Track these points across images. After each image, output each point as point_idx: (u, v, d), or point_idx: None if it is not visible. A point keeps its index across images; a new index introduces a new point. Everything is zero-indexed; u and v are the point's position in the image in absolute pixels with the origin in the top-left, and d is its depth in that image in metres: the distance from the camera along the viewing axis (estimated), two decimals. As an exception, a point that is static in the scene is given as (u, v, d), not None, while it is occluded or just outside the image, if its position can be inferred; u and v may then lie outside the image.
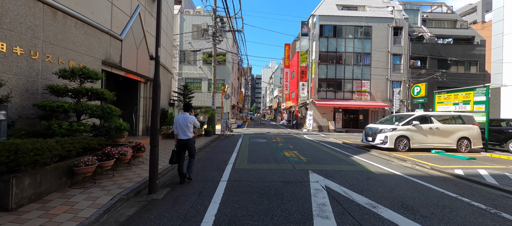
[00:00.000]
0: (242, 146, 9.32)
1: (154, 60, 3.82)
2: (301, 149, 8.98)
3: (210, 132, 12.90)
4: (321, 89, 20.94)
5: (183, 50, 20.67)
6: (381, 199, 3.68)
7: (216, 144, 9.94)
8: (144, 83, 9.74)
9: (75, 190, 3.57)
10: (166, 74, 11.78)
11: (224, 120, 14.22)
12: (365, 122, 21.16)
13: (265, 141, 11.44)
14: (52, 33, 4.85)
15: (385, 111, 20.83)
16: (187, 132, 4.17)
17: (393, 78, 21.10)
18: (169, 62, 12.58)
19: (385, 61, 20.95)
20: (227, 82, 21.08)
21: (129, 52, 7.57)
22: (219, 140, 11.87)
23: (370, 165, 6.31)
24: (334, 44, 20.97)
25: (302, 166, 5.87)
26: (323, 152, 8.44)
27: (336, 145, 10.90)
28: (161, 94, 11.18)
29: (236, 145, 9.76)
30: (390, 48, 20.96)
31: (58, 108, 4.13)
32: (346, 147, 10.10)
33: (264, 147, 9.31)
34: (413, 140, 8.93)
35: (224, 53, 20.99)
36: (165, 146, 8.24)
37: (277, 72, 59.91)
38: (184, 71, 20.70)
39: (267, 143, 10.46)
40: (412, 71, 21.01)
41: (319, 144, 11.03)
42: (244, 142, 10.87)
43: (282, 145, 9.87)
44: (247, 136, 13.94)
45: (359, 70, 21.04)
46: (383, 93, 20.97)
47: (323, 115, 20.71)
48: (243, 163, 6.07)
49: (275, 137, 13.62)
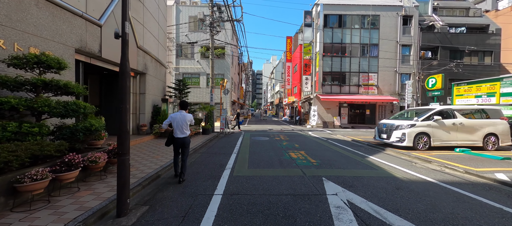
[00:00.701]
0: (242, 146, 8.39)
1: (121, 40, 2.84)
2: (308, 148, 8.04)
3: (209, 130, 11.99)
4: (325, 83, 19.88)
5: (180, 43, 19.63)
6: (429, 223, 2.73)
7: (214, 144, 9.02)
8: (133, 77, 8.79)
9: (16, 215, 2.66)
10: (159, 68, 10.82)
11: (223, 116, 13.29)
12: (372, 118, 20.15)
13: (267, 139, 10.51)
14: (3, 12, 3.89)
15: (393, 106, 19.77)
16: (185, 130, 4.10)
17: (402, 71, 19.96)
18: (163, 54, 11.59)
19: (394, 52, 19.78)
20: (226, 76, 20.09)
21: (112, 40, 6.60)
22: (217, 138, 10.96)
23: (392, 169, 5.36)
24: (339, 35, 19.81)
25: (313, 171, 4.94)
26: (333, 152, 7.50)
27: (346, 143, 9.95)
28: (153, 89, 10.25)
29: (236, 144, 8.84)
30: (399, 38, 19.76)
31: (3, 105, 3.19)
32: (357, 146, 9.14)
33: (267, 146, 8.38)
34: (434, 137, 7.95)
35: (223, 46, 19.93)
36: (156, 147, 7.33)
37: (278, 67, 58.63)
38: (181, 66, 19.71)
39: (270, 142, 9.53)
40: (423, 62, 19.85)
41: (326, 142, 10.08)
42: (245, 141, 9.94)
43: (286, 144, 8.93)
44: (248, 133, 13.02)
45: (366, 63, 19.91)
46: (391, 86, 19.87)
47: (327, 111, 19.70)
48: (243, 168, 5.14)
49: (278, 134, 12.68)
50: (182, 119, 4.05)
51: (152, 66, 9.83)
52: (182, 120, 4.04)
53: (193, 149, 7.37)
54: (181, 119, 4.04)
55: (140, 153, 6.28)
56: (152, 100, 9.85)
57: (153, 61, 9.98)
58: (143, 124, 8.83)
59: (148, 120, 9.35)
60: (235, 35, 20.95)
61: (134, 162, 5.30)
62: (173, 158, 4.38)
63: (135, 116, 8.90)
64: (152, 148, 7.14)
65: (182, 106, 4.25)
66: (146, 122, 9.06)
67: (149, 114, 9.48)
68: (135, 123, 8.89)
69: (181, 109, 4.23)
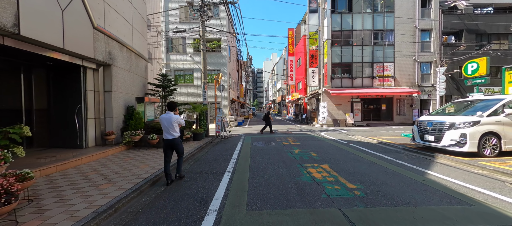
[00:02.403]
0: (241, 158, 6.21)
1: None
2: (331, 159, 5.84)
3: (201, 134, 9.83)
4: (335, 75, 17.61)
5: (170, 36, 17.46)
6: None
7: (204, 155, 6.86)
8: (93, 70, 6.64)
9: None
10: (135, 60, 8.67)
11: (219, 117, 11.13)
12: (388, 113, 17.88)
13: (273, 145, 8.32)
14: None
15: (413, 99, 17.46)
16: (172, 132, 4.04)
17: (422, 59, 17.62)
18: (142, 45, 9.43)
19: (412, 38, 17.45)
20: (223, 72, 17.91)
21: (42, 13, 4.44)
22: (211, 145, 8.81)
23: (485, 197, 3.17)
24: (349, 20, 17.50)
25: (362, 215, 2.75)
26: (369, 165, 5.29)
27: (374, 147, 7.73)
28: (127, 85, 8.08)
29: (233, 154, 6.67)
30: (417, 22, 17.41)
31: None
32: (392, 151, 6.92)
33: (274, 157, 6.19)
34: (506, 138, 5.74)
35: (218, 38, 17.74)
36: (121, 165, 5.17)
37: (279, 63, 56.32)
38: (172, 62, 17.59)
39: (276, 149, 7.34)
40: (445, 49, 17.49)
41: (348, 146, 7.87)
42: (245, 149, 7.76)
43: (299, 152, 6.74)
44: (249, 137, 10.83)
45: (380, 51, 17.60)
46: (410, 77, 17.55)
47: (338, 107, 17.45)
48: (239, 211, 2.96)
49: (285, 137, 10.49)
50: (168, 120, 4.03)
51: (123, 57, 7.68)
52: (168, 121, 4.03)
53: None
54: (167, 121, 4.03)
55: (83, 179, 4.12)
56: (125, 100, 7.71)
57: (125, 51, 7.82)
58: (109, 131, 6.68)
59: (118, 126, 7.21)
60: (232, 25, 18.76)
61: (50, 201, 3.14)
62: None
63: (98, 122, 6.76)
64: (115, 166, 4.99)
65: (169, 108, 4.22)
66: (114, 129, 6.92)
67: (119, 117, 7.33)
68: (98, 130, 6.75)
69: (168, 110, 4.20)
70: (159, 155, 6.16)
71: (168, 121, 4.00)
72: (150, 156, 6.19)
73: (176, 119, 4.08)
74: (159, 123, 7.61)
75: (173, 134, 4.03)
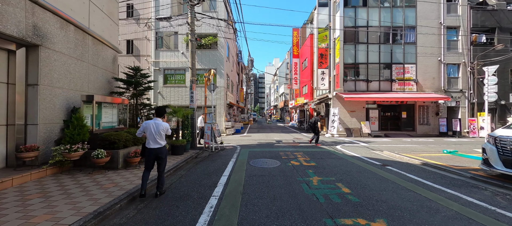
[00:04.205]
0: (227, 196, 3.82)
1: None
2: (385, 206, 3.43)
3: (182, 147, 7.48)
4: (347, 78, 15.31)
5: (160, 30, 15.32)
6: None
7: (173, 183, 4.47)
8: (7, 51, 4.38)
9: None
10: (96, 47, 6.45)
11: (209, 125, 8.79)
12: (409, 122, 15.44)
13: (277, 165, 5.94)
14: None
15: (438, 106, 15.04)
16: (159, 140, 3.68)
17: (448, 60, 15.30)
18: (109, 30, 7.24)
19: (436, 37, 15.19)
20: (219, 72, 15.67)
21: None
22: (193, 163, 6.45)
23: None
24: (364, 15, 15.33)
25: None
26: (460, 219, 2.88)
27: (426, 174, 5.32)
28: (73, 79, 5.72)
29: (216, 185, 4.29)
30: (442, 19, 15.19)
31: None
32: (463, 184, 4.51)
33: (282, 196, 3.79)
34: None
35: (215, 33, 15.59)
36: (50, 197, 2.82)
37: (282, 67, 54.36)
38: (162, 59, 15.43)
39: (284, 176, 4.95)
40: (475, 49, 15.18)
41: (390, 172, 5.46)
42: (237, 172, 5.38)
43: (321, 184, 4.35)
44: (246, 151, 8.45)
45: (400, 51, 15.33)
46: (434, 81, 15.19)
47: (351, 114, 15.07)
48: None
49: (293, 152, 8.10)
50: (155, 127, 3.66)
51: (68, 39, 5.44)
52: (155, 129, 3.66)
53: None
54: (155, 128, 3.66)
55: None
56: (68, 100, 5.42)
57: (72, 31, 5.59)
58: (30, 146, 4.35)
59: (49, 137, 4.90)
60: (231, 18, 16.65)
61: None
62: None
63: (12, 131, 4.45)
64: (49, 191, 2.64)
65: (158, 113, 3.84)
66: (41, 142, 4.62)
67: (53, 125, 5.02)
68: (11, 144, 4.42)
69: (156, 116, 3.83)
70: (105, 184, 3.82)
71: (156, 129, 3.66)
72: (89, 187, 3.84)
73: (165, 128, 3.76)
74: (118, 134, 5.31)
75: (160, 142, 3.69)
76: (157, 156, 3.68)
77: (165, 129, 3.72)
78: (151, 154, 3.66)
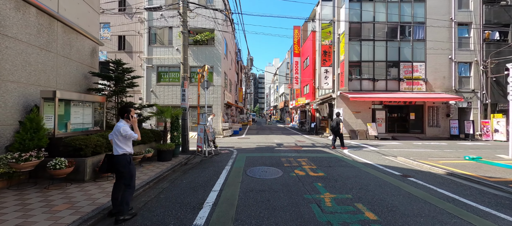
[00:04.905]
0: (214, 223, 2.88)
1: None
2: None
3: (170, 152, 6.53)
4: (352, 77, 14.41)
5: (153, 24, 14.36)
6: None
7: (149, 201, 3.54)
8: None
9: None
10: (68, 36, 5.52)
11: (201, 127, 7.85)
12: (418, 124, 14.54)
13: (279, 176, 5.01)
14: None
15: (449, 108, 14.13)
16: (116, 146, 2.92)
17: (460, 58, 14.41)
18: (86, 17, 6.31)
19: (447, 33, 14.30)
20: (216, 70, 14.73)
21: None
22: (180, 171, 5.52)
23: None
24: (370, 10, 14.43)
25: None
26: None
27: (456, 187, 4.41)
28: (45, 72, 4.89)
29: (202, 206, 3.35)
30: (453, 14, 14.31)
31: None
32: (510, 203, 3.58)
33: (287, 224, 2.86)
34: None
35: (212, 29, 14.66)
36: None
37: (282, 67, 53.45)
38: (155, 56, 14.48)
39: (288, 191, 4.02)
40: (488, 47, 14.30)
41: (413, 185, 4.53)
42: (231, 185, 4.46)
43: (336, 204, 3.42)
44: (243, 156, 7.51)
45: (408, 48, 14.43)
46: (445, 80, 14.30)
47: (356, 115, 14.15)
48: None
49: (296, 158, 7.17)
50: (113, 131, 2.96)
51: (26, 23, 4.52)
52: (112, 132, 2.98)
53: None
54: (113, 132, 2.97)
55: None
56: (26, 97, 4.49)
57: (34, 14, 4.66)
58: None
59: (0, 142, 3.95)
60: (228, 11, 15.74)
61: None
62: None
63: None
64: None
65: (119, 113, 3.09)
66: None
67: (4, 128, 4.08)
68: None
69: (119, 115, 3.13)
70: (57, 204, 2.88)
71: (113, 132, 2.96)
72: (33, 210, 2.89)
73: (120, 129, 2.86)
74: (85, 139, 4.39)
75: (117, 149, 2.91)
76: (113, 167, 2.96)
77: (120, 131, 2.88)
78: (110, 163, 2.99)
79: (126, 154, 2.91)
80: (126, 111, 2.98)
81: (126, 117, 2.96)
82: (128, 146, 2.95)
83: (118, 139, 2.89)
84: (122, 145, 2.90)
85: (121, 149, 2.90)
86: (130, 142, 2.98)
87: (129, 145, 2.97)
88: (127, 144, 2.94)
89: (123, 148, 2.90)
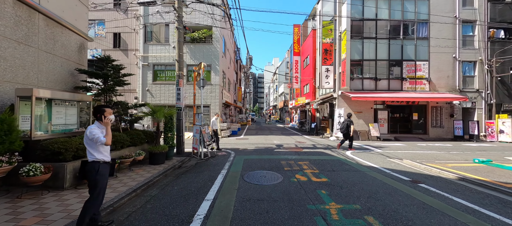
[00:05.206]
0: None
1: None
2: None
3: (162, 155, 6.14)
4: (354, 76, 14.04)
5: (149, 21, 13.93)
6: None
7: (138, 211, 3.14)
8: None
9: None
10: (52, 30, 5.12)
11: (197, 128, 7.45)
12: (421, 124, 14.19)
13: (279, 182, 4.63)
14: None
15: (453, 108, 13.79)
16: (87, 152, 2.54)
17: (464, 57, 14.07)
18: (73, 11, 5.90)
19: (451, 32, 13.95)
20: (214, 68, 14.33)
21: None
22: (172, 176, 5.13)
23: None
24: (372, 7, 14.06)
25: None
26: None
27: (472, 195, 4.05)
28: (24, 68, 4.44)
29: (193, 218, 2.96)
30: (457, 12, 13.95)
31: None
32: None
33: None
34: None
35: (210, 26, 14.24)
36: None
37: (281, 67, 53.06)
38: (151, 54, 14.06)
39: (289, 201, 3.64)
40: (492, 45, 13.97)
41: (427, 193, 4.16)
42: (226, 193, 4.08)
43: (342, 218, 3.03)
44: (241, 159, 7.12)
45: (411, 47, 14.07)
46: (449, 79, 13.95)
47: (358, 115, 13.78)
48: None
49: (296, 161, 6.78)
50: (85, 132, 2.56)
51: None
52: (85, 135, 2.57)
53: None
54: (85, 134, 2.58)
55: None
56: (1, 96, 4.08)
57: (10, 4, 4.27)
58: None
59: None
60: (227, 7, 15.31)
61: None
62: None
63: None
64: None
65: (93, 113, 2.96)
66: None
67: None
68: None
69: (94, 116, 2.74)
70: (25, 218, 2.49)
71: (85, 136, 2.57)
72: None
73: (90, 133, 2.46)
74: (65, 141, 4.00)
75: (88, 156, 2.53)
76: (83, 175, 2.63)
77: (89, 135, 2.47)
78: (82, 170, 2.64)
79: (96, 161, 2.50)
80: (100, 112, 2.56)
81: (99, 118, 2.57)
82: (98, 152, 2.52)
83: (86, 143, 2.51)
84: (92, 150, 2.50)
85: (90, 156, 2.51)
86: (103, 148, 2.56)
87: (100, 151, 2.53)
88: (98, 149, 2.52)
89: (93, 155, 2.50)
